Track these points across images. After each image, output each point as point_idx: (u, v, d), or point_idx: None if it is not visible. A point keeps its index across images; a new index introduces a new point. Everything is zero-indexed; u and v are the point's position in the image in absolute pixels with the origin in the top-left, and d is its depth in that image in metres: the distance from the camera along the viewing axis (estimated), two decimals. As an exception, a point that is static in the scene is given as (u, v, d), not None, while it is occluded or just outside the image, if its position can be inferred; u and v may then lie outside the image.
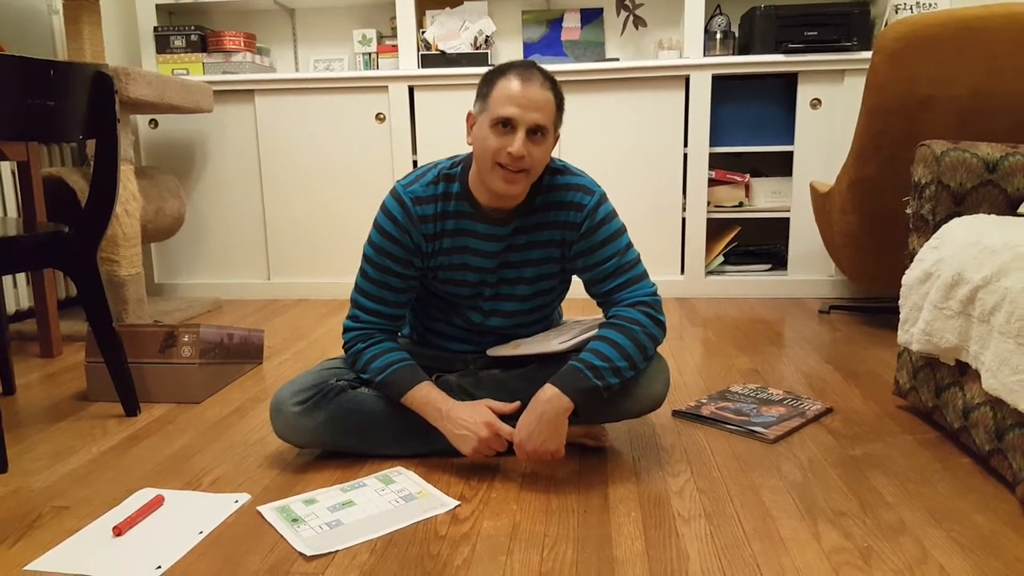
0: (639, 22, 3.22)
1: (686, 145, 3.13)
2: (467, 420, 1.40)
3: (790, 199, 3.15)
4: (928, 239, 1.68)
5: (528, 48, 3.36)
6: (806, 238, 3.14)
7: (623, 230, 1.50)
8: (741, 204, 3.19)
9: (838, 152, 3.06)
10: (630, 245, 1.50)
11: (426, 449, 1.53)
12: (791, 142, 3.11)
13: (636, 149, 3.14)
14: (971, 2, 3.08)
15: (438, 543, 1.22)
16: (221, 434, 1.74)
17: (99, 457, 1.62)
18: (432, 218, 1.47)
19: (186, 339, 1.96)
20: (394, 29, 3.32)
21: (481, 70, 3.07)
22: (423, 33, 3.26)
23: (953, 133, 2.16)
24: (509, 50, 3.42)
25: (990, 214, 1.66)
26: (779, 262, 3.28)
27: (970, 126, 2.15)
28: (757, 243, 3.42)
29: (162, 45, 3.30)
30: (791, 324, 2.70)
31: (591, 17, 3.33)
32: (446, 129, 3.21)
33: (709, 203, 3.18)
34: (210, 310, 3.17)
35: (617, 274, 1.48)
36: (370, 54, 3.37)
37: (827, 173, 3.08)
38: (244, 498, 1.39)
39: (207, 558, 1.19)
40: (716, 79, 3.09)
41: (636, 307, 1.45)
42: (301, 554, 1.19)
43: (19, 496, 1.43)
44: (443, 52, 3.18)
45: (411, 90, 3.21)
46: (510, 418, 1.43)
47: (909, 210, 1.79)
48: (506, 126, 1.35)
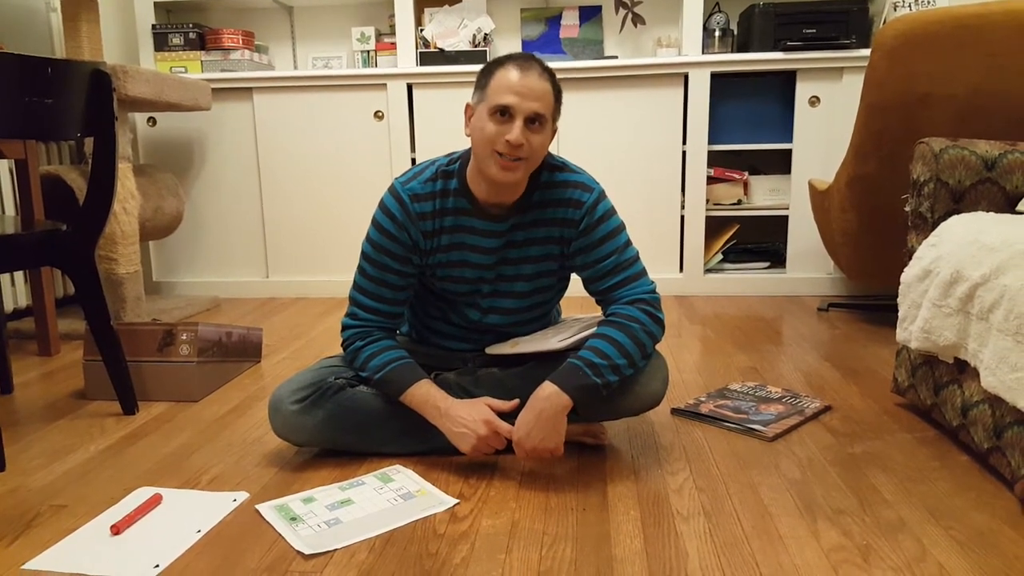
0: (638, 20, 3.22)
1: (685, 143, 3.12)
2: (466, 418, 1.40)
3: (789, 197, 3.15)
4: (927, 237, 1.68)
5: (527, 46, 3.35)
6: (805, 236, 3.14)
7: (622, 227, 1.50)
8: (740, 202, 3.19)
9: (837, 150, 3.06)
10: (629, 243, 1.50)
11: (425, 447, 1.53)
12: (790, 140, 3.11)
13: (635, 147, 3.14)
14: (969, 0, 3.08)
15: (437, 541, 1.22)
16: (219, 432, 1.73)
17: (97, 456, 1.61)
18: (430, 215, 1.47)
19: (184, 337, 1.95)
20: (392, 27, 3.31)
21: (480, 68, 3.07)
22: (422, 31, 3.25)
23: (952, 131, 2.16)
24: (508, 48, 3.41)
25: (989, 212, 1.66)
26: (778, 260, 3.28)
27: (969, 124, 2.15)
28: (756, 241, 3.42)
29: (160, 43, 3.29)
30: (790, 322, 2.70)
31: (590, 15, 3.33)
32: (445, 127, 3.20)
33: (708, 201, 3.18)
34: (208, 308, 3.16)
35: (616, 271, 1.48)
36: (369, 52, 3.36)
37: (826, 171, 3.08)
38: (242, 497, 1.39)
39: (205, 557, 1.19)
40: (715, 77, 3.09)
41: (635, 305, 1.45)
42: (300, 553, 1.19)
43: (17, 495, 1.43)
44: (442, 50, 3.17)
45: (410, 88, 3.20)
46: (510, 416, 1.43)
47: (908, 208, 1.79)
48: (504, 115, 1.35)
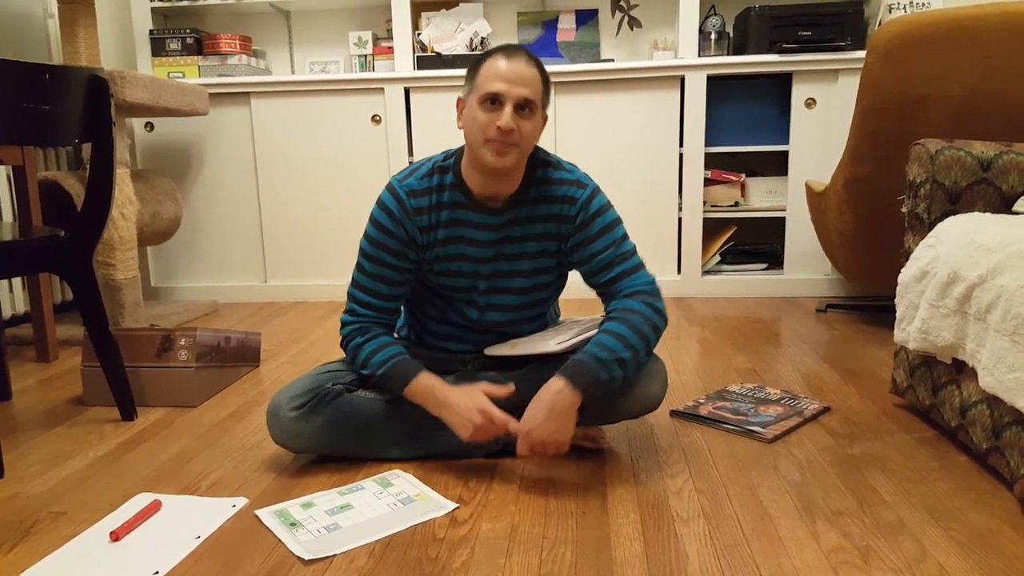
0: (634, 23, 3.22)
1: (681, 145, 3.13)
2: (461, 407, 1.41)
3: (786, 198, 3.15)
4: (923, 238, 1.68)
5: (523, 49, 3.35)
6: (802, 237, 3.15)
7: (618, 221, 1.52)
8: (737, 204, 3.20)
9: (833, 151, 3.06)
10: (626, 236, 1.52)
11: (423, 452, 1.53)
12: (786, 142, 3.11)
13: (632, 149, 3.15)
14: (965, 1, 3.08)
15: (436, 546, 1.22)
16: (218, 438, 1.73)
17: (96, 462, 1.61)
18: (427, 210, 1.49)
19: (183, 343, 1.95)
20: (390, 31, 3.32)
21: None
22: (419, 35, 3.26)
23: (947, 132, 2.17)
24: (504, 51, 3.41)
25: (985, 212, 1.67)
26: (775, 261, 3.28)
27: (964, 125, 2.15)
28: (753, 242, 3.42)
29: (157, 48, 3.29)
30: (788, 323, 2.70)
31: (586, 18, 3.34)
32: (442, 131, 3.21)
33: (705, 203, 3.19)
34: (207, 313, 3.16)
35: (613, 264, 1.49)
36: (366, 56, 3.37)
37: (822, 172, 3.09)
38: (241, 502, 1.39)
39: (205, 563, 1.19)
40: (711, 79, 3.10)
41: (634, 297, 1.46)
42: (299, 558, 1.19)
43: (16, 502, 1.43)
44: (439, 54, 3.18)
45: (407, 92, 3.21)
46: (515, 410, 1.42)
47: (904, 209, 1.80)
48: (494, 102, 1.37)
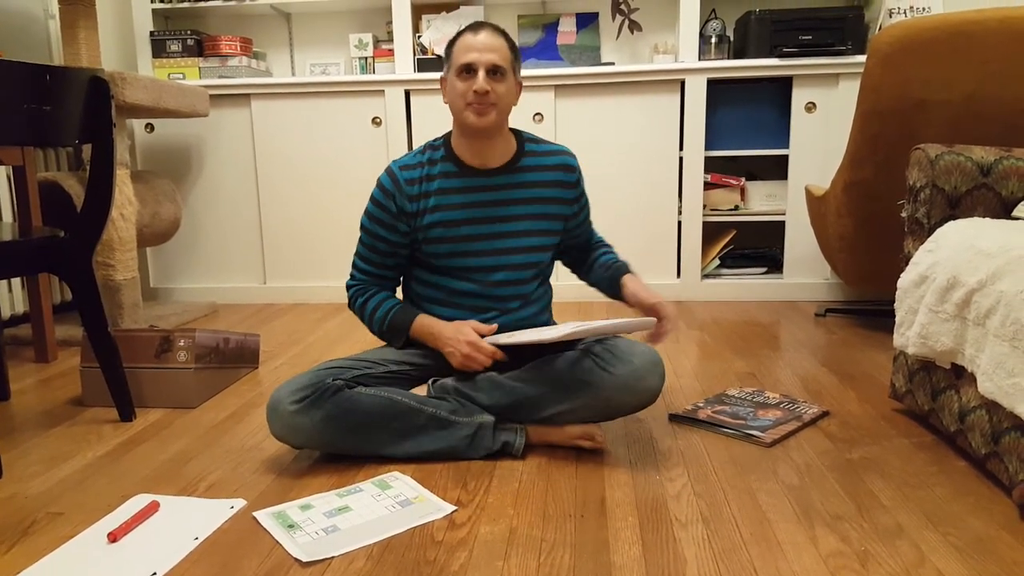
0: (634, 26, 3.23)
1: (681, 149, 3.13)
2: (451, 339, 1.55)
3: (785, 202, 3.16)
4: (923, 242, 1.69)
5: (524, 52, 3.36)
6: (802, 241, 3.15)
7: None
8: (737, 207, 3.20)
9: (833, 156, 3.07)
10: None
11: (423, 450, 1.54)
12: (786, 146, 3.11)
13: (632, 153, 3.15)
14: (965, 6, 3.09)
15: (435, 548, 1.22)
16: (217, 439, 1.73)
17: (94, 463, 1.61)
18: (417, 180, 1.61)
19: (182, 344, 1.95)
20: (390, 33, 3.32)
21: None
22: (419, 37, 3.26)
23: (947, 137, 2.17)
24: (505, 54, 3.42)
25: (985, 217, 1.67)
26: (775, 265, 3.28)
27: (964, 130, 2.15)
28: (753, 246, 3.42)
29: (158, 49, 3.30)
30: (787, 327, 2.70)
31: (587, 21, 3.34)
32: (442, 132, 3.20)
33: (705, 206, 3.19)
34: (206, 314, 3.16)
35: (589, 231, 1.81)
36: (366, 58, 3.37)
37: (822, 176, 3.09)
38: (240, 504, 1.39)
39: (202, 564, 1.19)
40: (711, 83, 3.10)
41: (604, 246, 1.80)
42: (297, 560, 1.19)
43: (14, 502, 1.43)
44: (439, 56, 3.18)
45: (407, 94, 3.21)
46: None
47: (904, 213, 1.80)
48: (469, 71, 1.53)
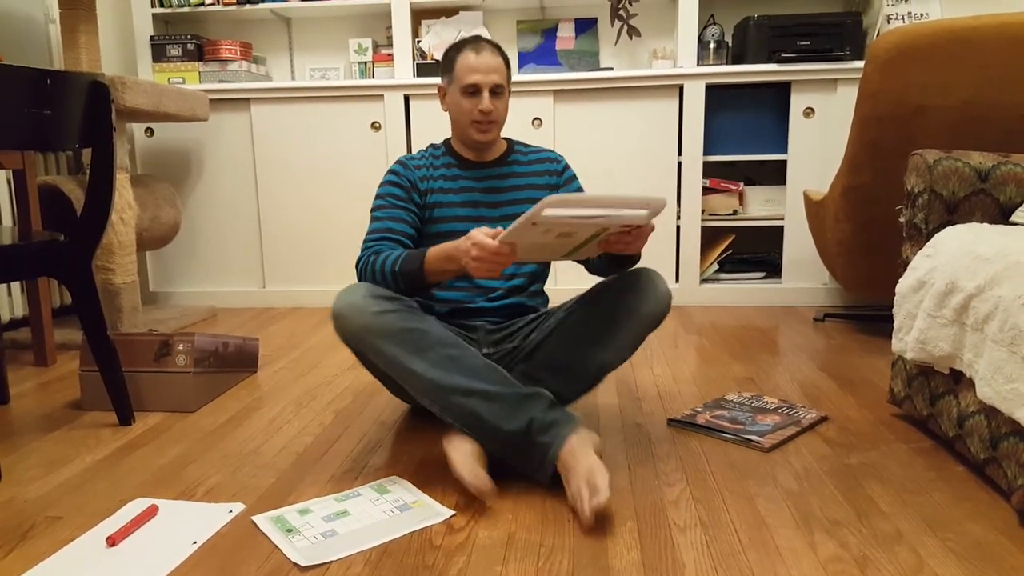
0: (633, 32, 3.24)
1: (680, 154, 3.14)
2: (460, 248, 1.46)
3: (784, 207, 3.16)
4: (921, 247, 1.69)
5: (523, 57, 3.37)
6: (800, 246, 3.15)
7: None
8: (735, 212, 3.20)
9: (831, 161, 3.07)
10: None
11: (469, 387, 1.46)
12: (785, 151, 3.12)
13: (630, 158, 3.15)
14: (962, 12, 3.10)
15: (433, 553, 1.22)
16: (215, 443, 1.73)
17: (93, 467, 1.61)
18: (424, 167, 1.76)
19: (181, 348, 1.95)
20: (390, 38, 3.33)
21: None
22: (418, 42, 3.27)
23: (945, 142, 2.18)
24: (504, 59, 3.43)
25: (983, 223, 1.67)
26: (773, 270, 3.29)
27: (962, 135, 2.16)
28: (751, 251, 3.43)
29: (158, 54, 3.30)
30: (786, 332, 2.70)
31: (585, 27, 3.35)
32: (441, 137, 3.21)
33: (703, 211, 3.20)
34: (205, 318, 3.16)
35: None
36: (366, 63, 3.38)
37: (821, 182, 3.10)
38: (238, 508, 1.39)
39: (201, 568, 1.19)
40: (710, 88, 3.11)
41: None
42: (296, 564, 1.19)
43: (12, 506, 1.43)
44: (438, 61, 3.18)
45: (406, 99, 3.22)
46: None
47: (902, 219, 1.80)
48: (474, 92, 1.67)
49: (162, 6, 3.34)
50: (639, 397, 2.00)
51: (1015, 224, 1.64)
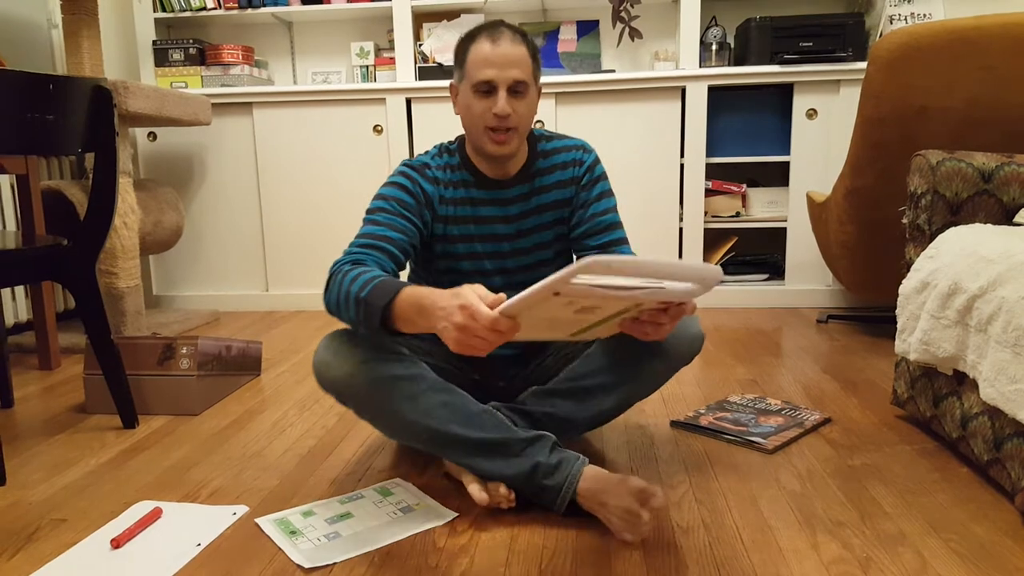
0: (635, 34, 3.24)
1: (682, 155, 3.14)
2: (442, 305, 1.11)
3: (787, 209, 3.16)
4: (924, 249, 1.69)
5: (525, 60, 3.37)
6: (803, 248, 3.15)
7: (613, 194, 1.54)
8: (738, 214, 3.20)
9: (834, 162, 3.07)
10: (617, 208, 1.54)
11: (468, 437, 1.32)
12: (787, 152, 3.12)
13: (633, 160, 3.16)
14: (966, 12, 3.10)
15: (436, 555, 1.22)
16: (219, 446, 1.73)
17: (97, 469, 1.61)
18: (443, 183, 1.47)
19: (184, 351, 1.95)
20: (392, 42, 3.33)
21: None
22: (420, 46, 3.27)
23: (948, 143, 2.17)
24: (506, 62, 3.42)
25: (986, 224, 1.67)
26: (776, 272, 3.28)
27: (965, 136, 2.16)
28: (754, 253, 3.43)
29: (161, 58, 3.31)
30: (789, 334, 2.70)
31: (587, 29, 3.35)
32: (443, 140, 3.21)
33: (706, 213, 3.19)
34: (208, 322, 3.17)
35: (610, 230, 1.51)
36: (368, 67, 3.38)
37: (823, 183, 3.09)
38: (242, 510, 1.39)
39: (205, 571, 1.19)
40: (712, 90, 3.11)
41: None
42: (299, 566, 1.19)
43: (17, 509, 1.43)
44: (440, 64, 3.19)
45: (408, 102, 3.22)
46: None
47: (905, 220, 1.80)
48: (488, 90, 1.36)
49: (164, 11, 3.35)
50: (642, 399, 2.00)
51: (1019, 225, 1.64)
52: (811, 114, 3.05)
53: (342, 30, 3.52)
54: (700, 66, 3.11)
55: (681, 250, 3.19)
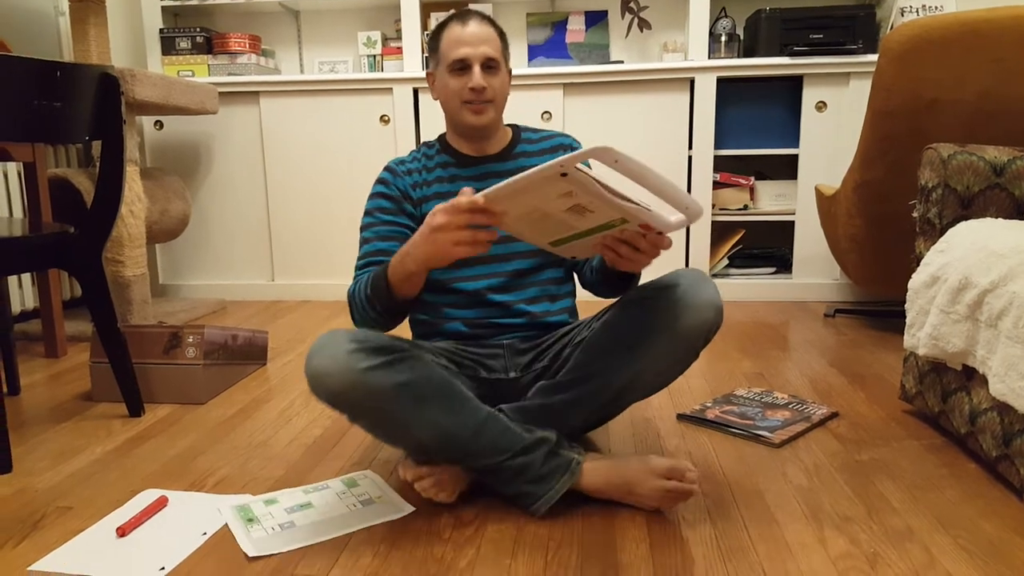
0: (644, 25, 3.22)
1: (691, 148, 3.12)
2: (420, 232, 1.21)
3: (795, 202, 3.14)
4: (935, 243, 1.67)
5: (532, 50, 3.35)
6: (811, 241, 3.13)
7: None
8: (746, 207, 3.18)
9: (843, 155, 3.05)
10: None
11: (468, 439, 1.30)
12: (796, 145, 3.10)
13: (641, 151, 3.14)
14: (977, 5, 3.07)
15: (442, 545, 1.22)
16: (225, 435, 1.73)
17: (103, 458, 1.62)
18: (417, 171, 1.54)
19: (190, 340, 1.96)
20: (399, 31, 3.32)
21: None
22: (428, 35, 3.26)
23: (960, 136, 2.16)
24: (513, 52, 3.42)
25: (997, 218, 1.65)
26: (784, 265, 3.27)
27: (977, 129, 2.14)
28: (762, 246, 3.41)
29: (168, 47, 3.30)
30: (796, 328, 2.69)
31: (596, 20, 3.33)
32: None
33: (714, 206, 3.18)
34: (214, 311, 3.17)
35: None
36: (375, 56, 3.37)
37: (832, 176, 3.08)
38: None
39: (211, 559, 1.19)
40: (721, 82, 3.09)
41: None
42: (245, 554, 1.19)
43: (23, 496, 1.43)
44: (448, 54, 3.17)
45: (415, 92, 3.21)
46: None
47: (915, 214, 1.79)
48: (462, 67, 1.44)
49: (172, -1, 3.34)
50: (648, 392, 1.99)
51: (1030, 219, 1.63)
52: (820, 107, 3.03)
53: (349, 19, 3.51)
54: (709, 57, 3.09)
55: (688, 242, 3.18)
